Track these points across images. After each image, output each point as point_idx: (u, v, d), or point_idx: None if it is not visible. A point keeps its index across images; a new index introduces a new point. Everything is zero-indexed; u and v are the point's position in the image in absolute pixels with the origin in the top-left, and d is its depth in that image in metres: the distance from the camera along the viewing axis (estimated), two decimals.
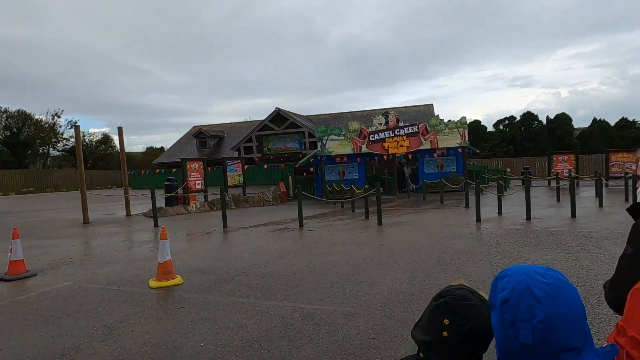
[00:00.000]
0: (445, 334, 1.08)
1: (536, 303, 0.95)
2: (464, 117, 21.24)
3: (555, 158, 21.74)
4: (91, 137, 42.17)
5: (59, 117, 37.91)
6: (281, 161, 30.70)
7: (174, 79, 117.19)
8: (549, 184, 21.47)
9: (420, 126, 21.05)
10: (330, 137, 20.77)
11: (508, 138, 46.80)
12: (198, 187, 16.97)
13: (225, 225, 10.54)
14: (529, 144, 46.71)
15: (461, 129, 21.09)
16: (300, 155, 28.78)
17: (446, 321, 1.08)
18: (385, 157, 21.29)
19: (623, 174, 15.88)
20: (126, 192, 13.24)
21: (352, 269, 5.98)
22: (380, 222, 10.06)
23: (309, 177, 24.05)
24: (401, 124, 21.25)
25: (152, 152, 52.21)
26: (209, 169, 27.76)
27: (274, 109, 32.81)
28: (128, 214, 13.28)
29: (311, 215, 12.99)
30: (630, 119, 48.38)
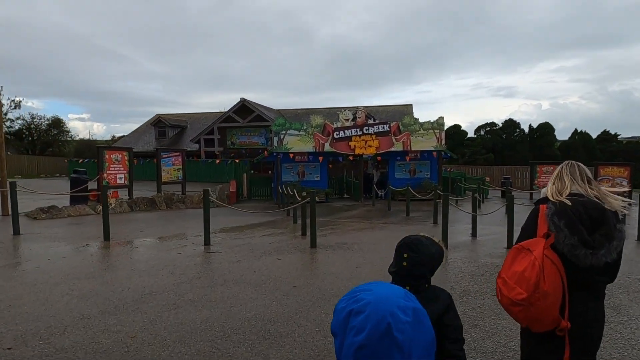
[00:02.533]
0: (405, 264, 1.64)
1: (396, 349, 0.91)
2: (442, 118, 18.89)
3: (539, 168, 19.60)
4: (41, 120, 38.33)
5: None
6: (246, 157, 27.87)
7: (157, 68, 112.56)
8: (531, 197, 19.33)
9: (392, 125, 18.59)
10: (289, 132, 18.10)
11: (489, 145, 45.02)
12: (120, 182, 14.10)
13: (107, 237, 7.78)
14: (509, 152, 45.02)
15: (437, 131, 18.73)
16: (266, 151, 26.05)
17: (405, 255, 1.65)
18: (351, 157, 18.75)
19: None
20: (3, 186, 10.30)
21: (203, 349, 3.36)
22: (313, 244, 7.46)
23: (268, 176, 21.36)
24: (370, 122, 18.74)
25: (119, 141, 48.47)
26: (155, 160, 24.71)
27: (239, 99, 29.96)
28: (5, 213, 10.34)
29: (240, 226, 10.33)
30: (612, 133, 47.26)
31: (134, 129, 38.03)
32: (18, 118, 37.72)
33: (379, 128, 18.45)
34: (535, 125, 47.17)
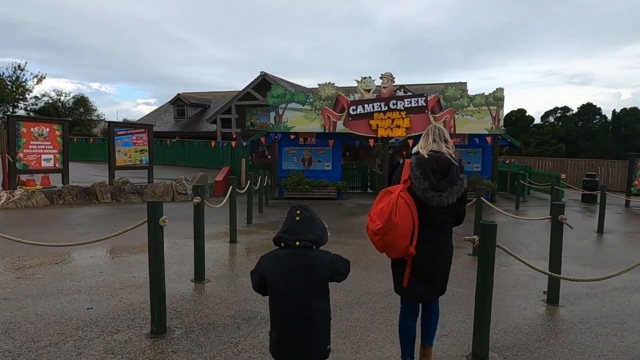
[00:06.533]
0: (298, 218, 1.99)
1: None
2: (500, 90, 13.75)
3: None
4: (66, 97, 36.79)
5: (22, 70, 32.61)
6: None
7: (220, 53, 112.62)
8: (627, 205, 13.73)
9: (430, 99, 13.75)
10: (289, 106, 13.82)
11: (560, 134, 37.96)
12: (48, 164, 10.62)
13: None
14: (585, 143, 37.73)
15: (494, 108, 13.65)
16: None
17: (298, 212, 2.01)
18: (371, 141, 14.16)
19: None
20: None
21: None
22: (159, 327, 3.20)
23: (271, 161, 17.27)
24: (400, 94, 13.97)
25: None
26: (167, 141, 21.37)
27: (259, 73, 25.99)
28: None
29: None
30: None
31: (157, 108, 35.51)
32: (44, 95, 36.49)
33: (411, 102, 13.67)
34: (619, 112, 39.27)
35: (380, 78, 13.57)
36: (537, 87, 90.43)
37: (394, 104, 13.58)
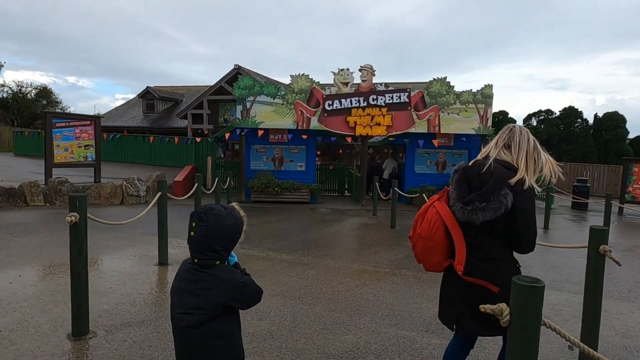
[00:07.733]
0: (192, 233, 1.58)
1: None
2: (489, 87, 12.67)
3: (636, 168, 12.92)
4: (26, 88, 34.33)
5: None
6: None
7: (201, 50, 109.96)
8: (621, 212, 12.81)
9: (413, 95, 12.55)
10: (258, 99, 12.41)
11: (542, 137, 37.52)
12: None
13: None
14: (567, 146, 37.43)
15: (482, 106, 12.56)
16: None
17: (193, 224, 1.58)
18: (349, 139, 12.88)
19: None
20: None
21: None
22: None
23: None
24: (381, 88, 12.71)
25: None
26: (124, 132, 19.34)
27: (233, 66, 24.44)
28: None
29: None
30: None
31: (125, 101, 33.47)
32: (3, 85, 34.02)
33: (392, 98, 12.44)
34: (601, 116, 39.13)
35: (360, 70, 12.30)
36: (517, 91, 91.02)
37: (373, 100, 12.33)
